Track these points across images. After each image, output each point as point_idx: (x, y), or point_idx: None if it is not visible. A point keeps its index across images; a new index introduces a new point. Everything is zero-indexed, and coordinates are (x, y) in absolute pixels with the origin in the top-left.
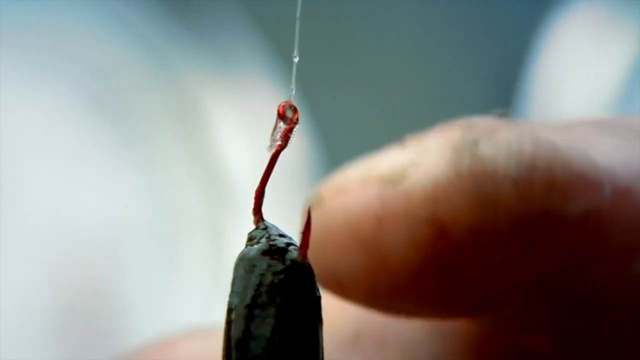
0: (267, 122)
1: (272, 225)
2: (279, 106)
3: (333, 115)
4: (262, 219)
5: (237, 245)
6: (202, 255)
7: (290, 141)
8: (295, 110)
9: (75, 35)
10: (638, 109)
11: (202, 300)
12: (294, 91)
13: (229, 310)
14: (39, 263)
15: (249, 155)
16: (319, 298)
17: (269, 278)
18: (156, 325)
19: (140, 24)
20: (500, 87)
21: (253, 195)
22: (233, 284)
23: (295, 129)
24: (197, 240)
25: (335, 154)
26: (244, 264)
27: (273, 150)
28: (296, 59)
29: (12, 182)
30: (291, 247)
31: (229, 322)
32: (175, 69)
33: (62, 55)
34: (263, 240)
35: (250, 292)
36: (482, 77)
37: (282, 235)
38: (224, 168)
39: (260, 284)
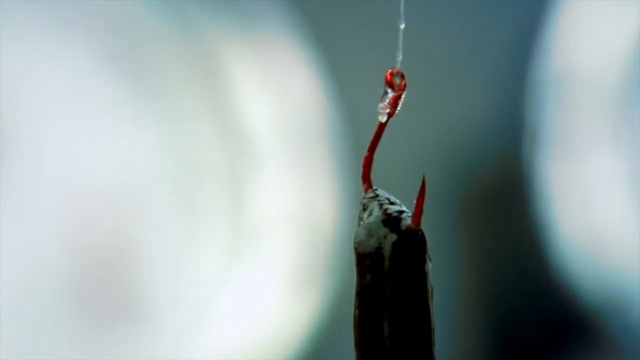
0: (287, 77)
1: (381, 191)
2: (386, 73)
3: (353, 73)
4: (371, 186)
5: (256, 197)
6: (223, 208)
7: (398, 108)
8: (402, 77)
9: None
10: None
11: (222, 253)
12: (400, 57)
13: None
14: (58, 216)
15: (269, 109)
16: (429, 265)
17: (388, 248)
18: (176, 278)
19: None
20: (518, 48)
21: (362, 161)
22: (357, 255)
23: (403, 96)
24: (218, 194)
25: (355, 112)
26: (367, 232)
27: (382, 118)
28: (402, 26)
29: (31, 135)
30: (404, 215)
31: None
32: (195, 23)
33: (83, 9)
34: (376, 208)
35: (371, 262)
36: (499, 39)
37: (392, 203)
38: (244, 122)
39: (379, 254)
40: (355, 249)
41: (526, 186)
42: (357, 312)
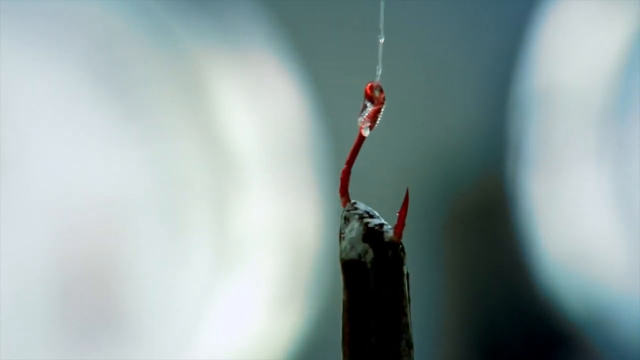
0: (270, 93)
1: (360, 204)
2: (366, 87)
3: (336, 88)
4: (349, 199)
5: (240, 213)
6: (206, 225)
7: (378, 121)
8: (381, 91)
9: (79, 7)
10: (639, 81)
11: (205, 270)
12: (380, 71)
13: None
14: (44, 232)
15: (252, 125)
16: (408, 276)
17: (370, 262)
18: (161, 293)
19: None
20: (501, 63)
21: (339, 175)
22: (343, 267)
23: (382, 109)
24: (201, 211)
25: (338, 126)
26: (349, 247)
27: (365, 132)
28: (382, 40)
29: (17, 153)
30: (385, 228)
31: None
32: (179, 41)
33: (66, 27)
34: (356, 222)
35: (356, 277)
36: (483, 55)
37: (371, 216)
38: (228, 139)
39: (364, 268)
40: (342, 265)
41: (510, 201)
42: (346, 329)
